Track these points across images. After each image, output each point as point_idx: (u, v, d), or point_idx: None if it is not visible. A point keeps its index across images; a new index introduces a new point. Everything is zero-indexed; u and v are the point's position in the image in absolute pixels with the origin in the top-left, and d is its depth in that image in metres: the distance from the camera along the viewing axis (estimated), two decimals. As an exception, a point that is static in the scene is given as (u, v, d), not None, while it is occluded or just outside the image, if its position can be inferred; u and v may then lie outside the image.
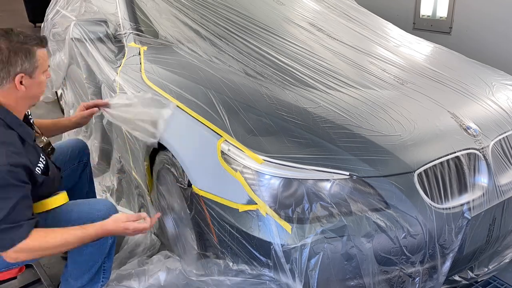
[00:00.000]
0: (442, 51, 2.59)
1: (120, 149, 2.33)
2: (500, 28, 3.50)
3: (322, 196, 1.40)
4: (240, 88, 1.76)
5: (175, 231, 1.93)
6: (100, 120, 2.53)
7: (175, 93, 1.78)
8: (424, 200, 1.46)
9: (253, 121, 1.57)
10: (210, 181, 1.55)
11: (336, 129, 1.57)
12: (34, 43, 1.47)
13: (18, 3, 9.36)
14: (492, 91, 1.99)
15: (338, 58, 2.13)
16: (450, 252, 1.49)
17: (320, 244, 1.35)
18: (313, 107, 1.68)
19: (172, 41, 2.15)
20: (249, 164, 1.45)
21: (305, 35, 2.35)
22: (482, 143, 1.65)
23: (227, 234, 1.49)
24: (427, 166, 1.51)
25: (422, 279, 1.47)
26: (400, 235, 1.40)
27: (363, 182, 1.43)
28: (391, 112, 1.70)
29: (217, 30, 2.23)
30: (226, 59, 2.01)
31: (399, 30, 2.84)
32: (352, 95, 1.80)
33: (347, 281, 1.40)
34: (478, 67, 2.35)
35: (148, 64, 2.01)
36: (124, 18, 2.31)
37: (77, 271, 1.66)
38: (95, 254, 1.62)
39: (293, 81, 1.86)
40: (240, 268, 1.49)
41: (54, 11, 3.36)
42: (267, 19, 2.41)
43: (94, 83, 2.52)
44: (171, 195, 1.88)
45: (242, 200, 1.45)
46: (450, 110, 1.76)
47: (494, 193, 1.61)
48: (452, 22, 3.85)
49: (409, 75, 2.05)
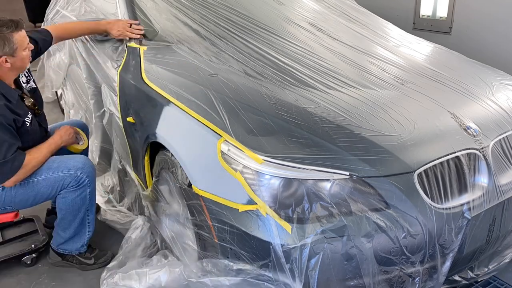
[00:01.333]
0: (442, 51, 2.59)
1: (120, 149, 2.33)
2: (500, 28, 3.50)
3: (322, 196, 1.40)
4: (240, 88, 1.76)
5: (175, 231, 1.93)
6: (100, 120, 2.53)
7: (175, 93, 1.78)
8: (424, 200, 1.46)
9: (253, 121, 1.57)
10: (210, 181, 1.55)
11: (336, 129, 1.57)
12: (10, 31, 1.79)
13: (18, 2, 9.38)
14: (492, 91, 1.99)
15: (338, 58, 2.13)
16: (450, 252, 1.49)
17: (320, 244, 1.35)
18: (313, 107, 1.68)
19: (172, 41, 2.15)
20: (249, 164, 1.45)
21: (305, 35, 2.35)
22: (482, 143, 1.65)
23: (227, 234, 1.49)
24: (427, 166, 1.51)
25: (422, 279, 1.47)
26: (400, 235, 1.40)
27: (363, 182, 1.43)
28: (391, 112, 1.70)
29: (217, 30, 2.23)
30: (226, 59, 2.01)
31: (399, 30, 2.84)
32: (352, 95, 1.80)
33: (347, 281, 1.40)
34: (478, 67, 2.35)
35: (148, 64, 2.01)
36: (124, 18, 2.31)
37: (64, 222, 2.04)
38: (76, 201, 1.98)
39: (293, 81, 1.86)
40: (240, 268, 1.48)
41: (54, 11, 3.36)
42: (267, 19, 2.41)
43: (94, 83, 2.53)
44: (171, 195, 1.88)
45: (242, 200, 1.45)
46: (450, 110, 1.76)
47: (494, 193, 1.61)
48: (452, 22, 3.85)
49: (409, 75, 2.05)
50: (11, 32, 1.79)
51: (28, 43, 1.91)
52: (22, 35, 1.85)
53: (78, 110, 2.99)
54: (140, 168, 2.08)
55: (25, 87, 2.06)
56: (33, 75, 2.15)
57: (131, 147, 2.15)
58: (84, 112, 2.87)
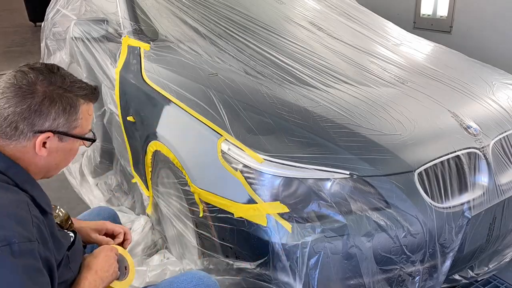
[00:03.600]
0: (442, 50, 2.59)
1: (120, 148, 2.33)
2: (501, 27, 3.50)
3: (322, 195, 1.40)
4: (240, 87, 1.76)
5: (175, 231, 1.93)
6: (100, 120, 2.53)
7: (175, 92, 1.78)
8: (424, 199, 1.46)
9: (254, 120, 1.57)
10: (210, 180, 1.55)
11: (337, 128, 1.57)
12: (82, 94, 1.06)
13: (18, 2, 9.37)
14: (493, 90, 1.99)
15: (338, 57, 2.13)
16: (450, 251, 1.49)
17: (320, 243, 1.35)
18: (314, 106, 1.68)
19: (172, 40, 2.15)
20: (249, 163, 1.45)
21: (306, 34, 2.35)
22: (482, 142, 1.65)
23: (227, 233, 1.49)
24: (428, 165, 1.51)
25: (422, 278, 1.47)
26: (400, 234, 1.40)
27: (364, 181, 1.43)
28: (391, 111, 1.70)
29: (218, 29, 2.23)
30: (226, 58, 2.00)
31: (399, 29, 2.84)
32: (352, 94, 1.80)
33: (347, 280, 1.40)
34: (478, 66, 2.35)
35: (148, 63, 2.01)
36: (124, 17, 2.31)
37: None
38: None
39: (294, 80, 1.86)
40: (240, 267, 1.49)
41: (55, 10, 3.36)
42: (267, 18, 2.41)
43: (94, 82, 2.52)
44: (171, 194, 1.88)
45: (243, 199, 1.45)
46: (451, 109, 1.76)
47: (494, 192, 1.61)
48: (452, 21, 3.85)
49: (410, 74, 2.05)
50: (81, 98, 1.06)
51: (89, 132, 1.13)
52: (91, 112, 1.11)
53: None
54: (141, 167, 2.07)
55: None
56: None
57: (132, 146, 2.15)
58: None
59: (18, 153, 1.00)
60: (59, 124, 1.02)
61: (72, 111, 1.03)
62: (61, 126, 1.02)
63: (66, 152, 1.07)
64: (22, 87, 0.98)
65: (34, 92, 0.98)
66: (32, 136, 0.99)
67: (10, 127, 0.97)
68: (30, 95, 0.98)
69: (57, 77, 1.03)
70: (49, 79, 1.02)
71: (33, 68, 1.02)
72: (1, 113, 0.96)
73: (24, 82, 0.98)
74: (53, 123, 1.01)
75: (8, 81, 0.99)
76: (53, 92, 1.00)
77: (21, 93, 0.97)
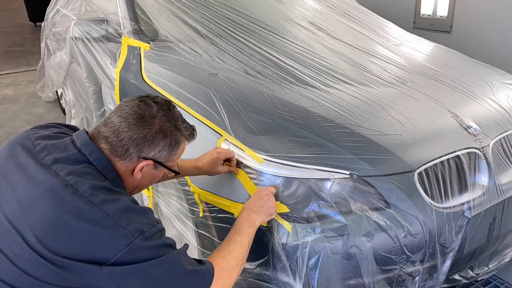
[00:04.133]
0: (442, 50, 2.59)
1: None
2: (501, 27, 3.50)
3: (322, 195, 1.40)
4: (240, 87, 1.76)
5: (175, 231, 1.93)
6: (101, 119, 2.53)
7: (175, 92, 1.78)
8: (424, 199, 1.46)
9: (253, 120, 1.57)
10: (210, 180, 1.55)
11: (337, 128, 1.57)
12: (186, 134, 1.20)
13: (18, 2, 9.38)
14: (493, 90, 1.99)
15: (338, 57, 2.13)
16: (450, 251, 1.49)
17: (320, 243, 1.35)
18: (314, 106, 1.68)
19: (172, 40, 2.15)
20: (249, 163, 1.45)
21: (306, 34, 2.35)
22: (482, 142, 1.65)
23: (227, 233, 1.49)
24: (428, 165, 1.51)
25: (422, 278, 1.47)
26: (400, 234, 1.40)
27: (364, 181, 1.43)
28: (391, 111, 1.70)
29: (218, 29, 2.23)
30: (226, 58, 2.01)
31: (399, 29, 2.84)
32: (352, 94, 1.80)
33: (347, 280, 1.40)
34: (478, 66, 2.35)
35: (148, 63, 2.01)
36: (124, 17, 2.31)
37: None
38: None
39: (294, 80, 1.86)
40: (240, 267, 1.48)
41: (55, 10, 3.36)
42: (267, 18, 2.41)
43: (94, 82, 2.53)
44: (171, 194, 1.88)
45: (243, 199, 1.45)
46: (451, 109, 1.76)
47: (494, 192, 1.61)
48: (452, 21, 3.85)
49: (410, 74, 2.05)
50: (184, 138, 1.20)
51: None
52: (184, 149, 1.25)
53: (79, 109, 2.99)
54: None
55: None
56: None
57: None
58: (85, 111, 2.87)
59: (120, 170, 1.13)
60: (161, 156, 1.14)
61: (175, 147, 1.17)
62: (162, 157, 1.15)
63: (153, 178, 1.23)
64: (144, 117, 1.11)
65: (153, 124, 1.11)
66: (136, 160, 1.12)
67: (122, 148, 1.10)
68: (149, 126, 1.11)
69: (173, 115, 1.17)
70: (167, 115, 1.15)
71: (155, 102, 1.15)
72: (119, 134, 1.09)
73: (147, 113, 1.11)
74: (158, 153, 1.14)
75: (132, 108, 1.12)
76: (167, 128, 1.14)
77: (142, 122, 1.10)
